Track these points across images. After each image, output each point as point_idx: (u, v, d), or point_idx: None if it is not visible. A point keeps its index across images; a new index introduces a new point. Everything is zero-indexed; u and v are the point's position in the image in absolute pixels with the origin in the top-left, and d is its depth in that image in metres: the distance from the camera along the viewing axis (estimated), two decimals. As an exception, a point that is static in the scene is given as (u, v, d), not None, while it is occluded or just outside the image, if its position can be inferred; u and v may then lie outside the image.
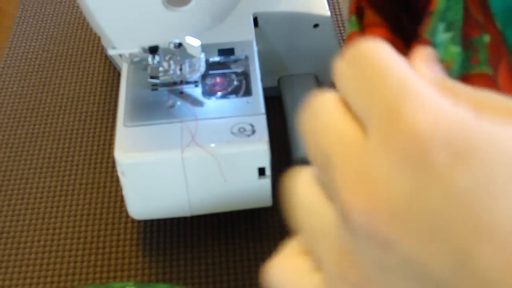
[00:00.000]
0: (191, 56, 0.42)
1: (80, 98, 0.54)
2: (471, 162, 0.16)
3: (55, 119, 0.53)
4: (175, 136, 0.39)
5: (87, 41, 0.60)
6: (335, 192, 0.18)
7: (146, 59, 0.41)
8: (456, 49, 0.34)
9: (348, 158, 0.18)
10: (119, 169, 0.39)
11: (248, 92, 0.42)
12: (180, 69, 0.42)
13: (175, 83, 0.42)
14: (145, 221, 0.45)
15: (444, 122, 0.16)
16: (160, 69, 0.42)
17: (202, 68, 0.43)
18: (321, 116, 0.20)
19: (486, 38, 0.33)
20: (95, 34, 0.60)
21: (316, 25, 0.47)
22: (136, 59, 0.41)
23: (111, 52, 0.33)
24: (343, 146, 0.18)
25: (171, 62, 0.43)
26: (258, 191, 0.41)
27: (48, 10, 0.63)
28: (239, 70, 0.44)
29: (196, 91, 0.42)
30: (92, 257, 0.43)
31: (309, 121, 0.20)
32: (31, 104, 0.54)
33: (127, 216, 0.45)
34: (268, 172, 0.40)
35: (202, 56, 0.43)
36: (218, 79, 0.43)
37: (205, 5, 0.33)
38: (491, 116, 0.17)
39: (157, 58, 0.41)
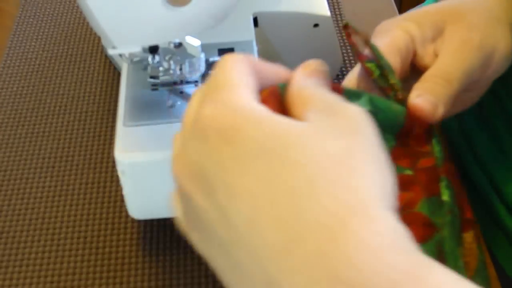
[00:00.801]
0: (191, 56, 0.42)
1: (80, 98, 0.54)
2: (232, 141, 0.24)
3: (55, 119, 0.53)
4: (175, 136, 0.39)
5: (87, 41, 0.60)
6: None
7: (146, 59, 0.41)
8: None
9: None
10: (119, 168, 0.39)
11: (248, 92, 0.42)
12: (180, 69, 0.42)
13: (175, 83, 0.42)
14: (145, 221, 0.45)
15: (223, 114, 0.25)
16: (160, 69, 0.42)
17: (202, 67, 0.43)
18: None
19: None
20: (95, 34, 0.60)
21: (316, 25, 0.47)
22: (136, 59, 0.41)
23: (111, 52, 0.33)
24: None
25: (171, 62, 0.43)
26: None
27: (48, 10, 0.63)
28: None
29: None
30: (92, 257, 0.43)
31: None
32: (31, 104, 0.54)
33: (127, 216, 0.45)
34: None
35: (202, 56, 0.43)
36: None
37: (205, 5, 0.33)
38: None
39: (157, 58, 0.41)
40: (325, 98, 0.27)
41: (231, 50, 0.45)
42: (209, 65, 0.45)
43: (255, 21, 0.47)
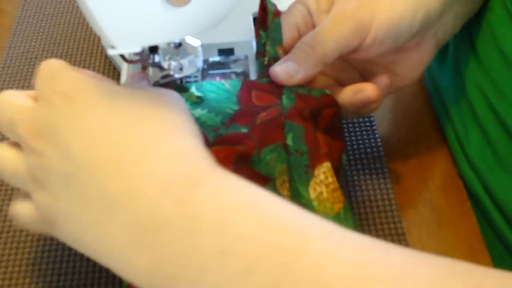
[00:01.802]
0: (191, 56, 0.42)
1: (80, 98, 0.54)
2: (71, 99, 0.32)
3: (55, 119, 0.53)
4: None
5: (87, 41, 0.60)
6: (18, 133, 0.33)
7: (146, 59, 0.41)
8: None
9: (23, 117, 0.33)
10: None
11: (248, 92, 0.42)
12: (181, 69, 0.42)
13: (175, 83, 0.42)
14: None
15: (63, 81, 0.33)
16: (160, 69, 0.42)
17: (200, 63, 0.43)
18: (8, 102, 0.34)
19: None
20: (95, 34, 0.60)
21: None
22: (136, 59, 0.41)
23: (110, 52, 0.33)
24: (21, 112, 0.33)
25: (171, 62, 0.43)
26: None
27: (48, 10, 0.63)
28: (239, 70, 0.44)
29: None
30: (92, 257, 0.44)
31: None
32: (31, 104, 0.54)
33: (127, 216, 0.45)
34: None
35: (202, 55, 0.43)
36: (218, 79, 0.43)
37: (205, 5, 0.33)
38: None
39: (157, 58, 0.41)
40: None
41: (231, 50, 0.45)
42: (209, 65, 0.45)
43: (255, 21, 0.47)
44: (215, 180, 0.29)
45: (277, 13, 0.43)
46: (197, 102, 0.39)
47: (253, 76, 0.44)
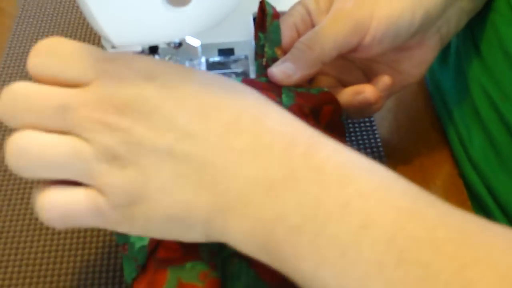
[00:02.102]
0: (191, 57, 0.42)
1: (80, 98, 0.54)
2: (161, 74, 0.31)
3: (55, 119, 0.53)
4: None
5: (87, 41, 0.60)
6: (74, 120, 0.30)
7: None
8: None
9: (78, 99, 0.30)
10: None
11: (248, 92, 0.42)
12: None
13: None
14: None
15: (137, 59, 0.31)
16: None
17: (202, 67, 0.43)
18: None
19: None
20: (95, 34, 0.60)
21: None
22: None
23: (111, 52, 0.33)
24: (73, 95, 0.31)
25: (171, 62, 0.43)
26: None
27: (48, 10, 0.63)
28: (239, 70, 0.44)
29: None
30: (92, 257, 0.43)
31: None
32: (31, 104, 0.54)
33: (127, 216, 0.45)
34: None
35: (203, 60, 0.43)
36: None
37: (205, 5, 0.33)
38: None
39: (157, 58, 0.41)
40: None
41: (231, 50, 0.45)
42: (209, 65, 0.45)
43: (255, 21, 0.47)
44: (331, 142, 0.30)
45: (276, 15, 0.43)
46: None
47: (253, 76, 0.44)
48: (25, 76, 0.57)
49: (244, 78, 0.43)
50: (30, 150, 0.31)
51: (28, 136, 0.31)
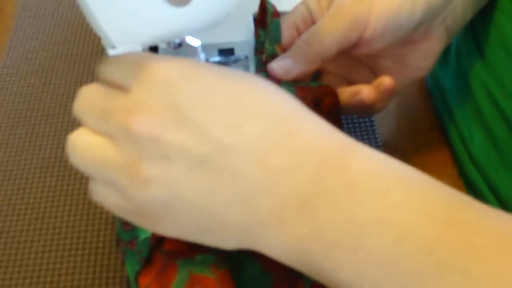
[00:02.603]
0: (191, 56, 0.42)
1: (80, 98, 0.54)
2: (192, 77, 0.30)
3: (55, 119, 0.53)
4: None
5: (87, 41, 0.60)
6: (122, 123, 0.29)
7: None
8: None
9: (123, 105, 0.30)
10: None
11: (248, 92, 0.42)
12: None
13: None
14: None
15: (174, 66, 0.30)
16: None
17: None
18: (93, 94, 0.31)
19: None
20: (95, 34, 0.60)
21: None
22: None
23: (111, 52, 0.33)
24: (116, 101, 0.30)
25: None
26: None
27: (48, 10, 0.63)
28: (239, 70, 0.44)
29: None
30: (92, 257, 0.43)
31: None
32: (31, 104, 0.54)
33: (127, 216, 0.45)
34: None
35: (202, 56, 0.43)
36: None
37: (205, 5, 0.33)
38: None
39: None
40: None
41: (231, 50, 0.45)
42: (209, 65, 0.45)
43: (255, 21, 0.47)
44: (365, 153, 0.30)
45: (276, 14, 0.43)
46: None
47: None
48: (25, 76, 0.57)
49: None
50: (75, 149, 0.31)
51: (78, 135, 0.31)
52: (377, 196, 0.28)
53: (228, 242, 0.31)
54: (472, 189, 0.48)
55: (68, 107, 0.54)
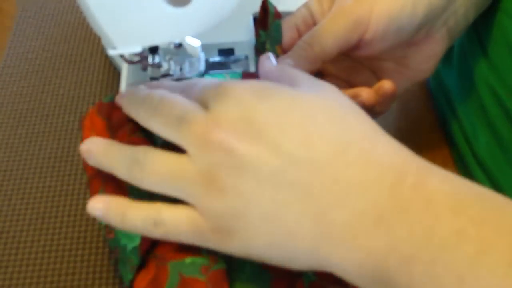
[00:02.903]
0: (191, 56, 0.42)
1: (80, 98, 0.54)
2: (266, 95, 0.32)
3: (55, 119, 0.53)
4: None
5: (87, 41, 0.60)
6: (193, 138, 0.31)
7: (146, 59, 0.41)
8: None
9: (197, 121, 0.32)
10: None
11: (248, 92, 0.42)
12: (180, 69, 0.42)
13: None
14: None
15: (249, 86, 0.32)
16: (161, 69, 0.42)
17: (202, 67, 0.43)
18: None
19: None
20: (95, 34, 0.60)
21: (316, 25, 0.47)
22: (136, 59, 0.41)
23: (111, 52, 0.33)
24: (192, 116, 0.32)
25: (171, 62, 0.43)
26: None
27: (48, 10, 0.63)
28: (239, 70, 0.44)
29: None
30: (92, 257, 0.43)
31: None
32: (31, 104, 0.54)
33: (127, 216, 0.45)
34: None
35: (202, 55, 0.43)
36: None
37: (205, 5, 0.33)
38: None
39: (157, 58, 0.41)
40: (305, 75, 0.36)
41: (231, 50, 0.45)
42: (209, 65, 0.45)
43: (255, 21, 0.47)
44: (439, 171, 0.31)
45: (278, 15, 0.43)
46: None
47: None
48: (25, 76, 0.57)
49: (245, 72, 0.43)
50: (146, 168, 0.33)
51: (147, 152, 0.33)
52: (454, 212, 0.28)
53: (298, 259, 0.31)
54: None
55: (68, 107, 0.54)
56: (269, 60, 0.38)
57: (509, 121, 0.44)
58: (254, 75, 0.41)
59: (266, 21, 0.43)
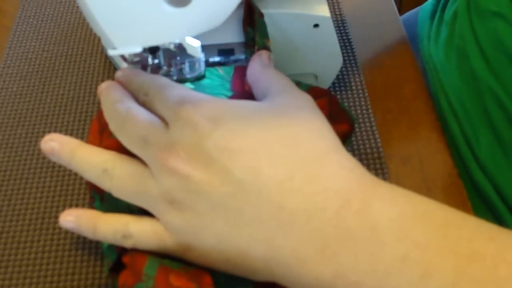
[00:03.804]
0: (191, 57, 0.42)
1: (80, 98, 0.54)
2: (220, 121, 0.32)
3: (55, 119, 0.53)
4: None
5: (87, 41, 0.60)
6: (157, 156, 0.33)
7: (146, 60, 0.41)
8: None
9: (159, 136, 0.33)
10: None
11: (248, 92, 0.42)
12: (180, 70, 0.42)
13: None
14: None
15: (206, 111, 0.32)
16: (160, 70, 0.42)
17: (202, 68, 0.43)
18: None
19: None
20: (95, 34, 0.60)
21: (316, 25, 0.47)
22: (136, 60, 0.41)
23: (111, 52, 0.33)
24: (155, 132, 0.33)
25: (171, 62, 0.43)
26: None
27: (48, 10, 0.63)
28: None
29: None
30: (92, 257, 0.44)
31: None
32: (31, 104, 0.54)
33: (127, 216, 0.45)
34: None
35: (202, 56, 0.43)
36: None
37: (205, 5, 0.33)
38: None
39: (157, 59, 0.41)
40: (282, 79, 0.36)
41: (231, 50, 0.45)
42: (209, 66, 0.45)
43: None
44: (386, 193, 0.31)
45: (261, 14, 0.44)
46: (190, 87, 0.41)
47: None
48: (25, 76, 0.57)
49: (236, 66, 0.43)
50: (115, 175, 0.35)
51: (116, 164, 0.35)
52: (398, 237, 0.29)
53: (256, 275, 0.32)
54: (477, 192, 0.48)
55: (68, 107, 0.54)
56: (259, 60, 0.38)
57: (510, 124, 0.44)
58: (246, 69, 0.42)
59: (252, 18, 0.44)
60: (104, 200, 0.38)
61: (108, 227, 0.35)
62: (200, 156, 0.31)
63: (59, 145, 0.36)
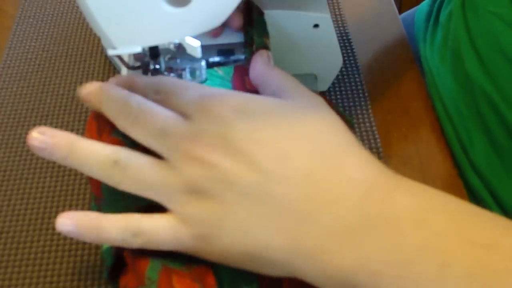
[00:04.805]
0: (191, 62, 0.42)
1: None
2: (245, 111, 0.33)
3: (55, 119, 0.53)
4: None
5: (87, 41, 0.60)
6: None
7: (146, 65, 0.41)
8: None
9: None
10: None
11: (248, 92, 0.42)
12: (180, 75, 0.42)
13: None
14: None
15: (230, 102, 0.33)
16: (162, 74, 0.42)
17: (203, 75, 0.43)
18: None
19: None
20: (95, 34, 0.60)
21: (316, 25, 0.47)
22: (137, 64, 0.41)
23: (110, 52, 0.33)
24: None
25: (172, 67, 0.42)
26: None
27: (48, 10, 0.63)
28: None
29: None
30: (92, 257, 0.44)
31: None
32: (31, 104, 0.54)
33: (127, 216, 0.45)
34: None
35: (203, 63, 0.43)
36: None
37: (205, 5, 0.33)
38: None
39: (158, 64, 0.41)
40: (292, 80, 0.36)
41: (231, 51, 0.45)
42: (209, 66, 0.45)
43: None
44: (405, 184, 0.32)
45: (260, 12, 0.44)
46: None
47: None
48: (25, 76, 0.57)
49: (237, 66, 0.43)
50: (127, 172, 0.33)
51: (129, 155, 0.34)
52: (419, 226, 0.29)
53: (273, 268, 0.32)
54: (473, 195, 0.48)
55: (68, 107, 0.54)
56: (261, 60, 0.38)
57: (505, 128, 0.44)
58: (246, 69, 0.41)
59: (251, 17, 0.44)
60: (101, 200, 0.37)
61: (116, 225, 0.33)
62: (227, 146, 0.31)
63: (52, 139, 0.34)
